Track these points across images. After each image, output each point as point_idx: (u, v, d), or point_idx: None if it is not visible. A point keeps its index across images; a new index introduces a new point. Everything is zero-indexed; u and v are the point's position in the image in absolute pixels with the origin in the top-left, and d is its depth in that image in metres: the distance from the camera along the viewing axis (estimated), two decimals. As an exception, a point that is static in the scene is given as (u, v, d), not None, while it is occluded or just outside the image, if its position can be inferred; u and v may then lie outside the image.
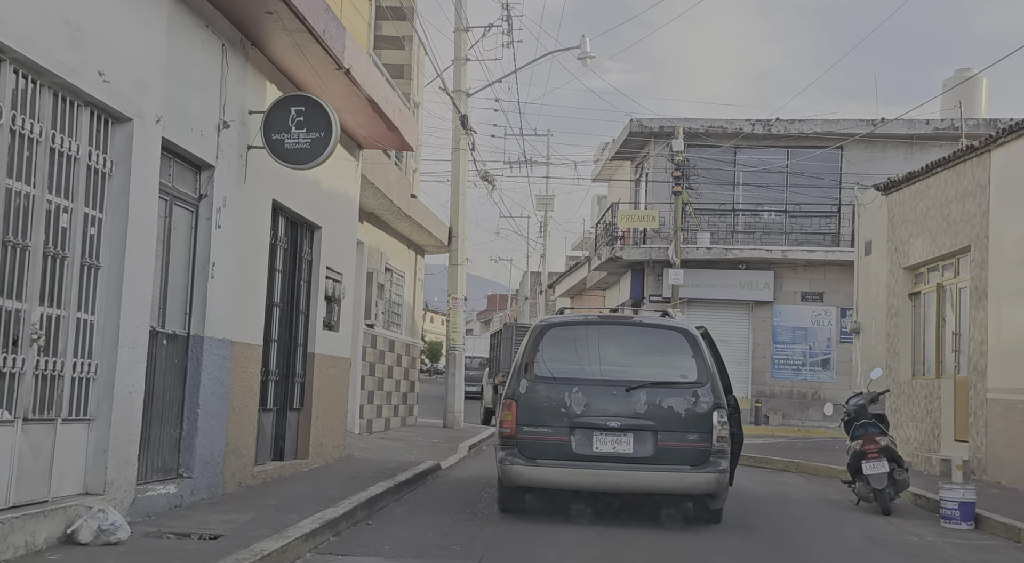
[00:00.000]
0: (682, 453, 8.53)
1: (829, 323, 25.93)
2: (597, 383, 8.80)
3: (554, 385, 8.76)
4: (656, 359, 9.05)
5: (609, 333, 9.31)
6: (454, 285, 18.86)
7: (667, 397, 8.63)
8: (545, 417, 8.63)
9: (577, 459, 8.55)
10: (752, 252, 25.65)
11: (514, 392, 8.79)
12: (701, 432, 8.56)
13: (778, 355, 26.13)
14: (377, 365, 16.34)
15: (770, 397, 25.96)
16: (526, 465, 8.58)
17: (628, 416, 8.59)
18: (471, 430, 18.80)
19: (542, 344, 9.02)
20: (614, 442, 8.57)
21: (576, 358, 9.06)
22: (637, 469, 8.53)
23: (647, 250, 26.23)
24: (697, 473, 8.51)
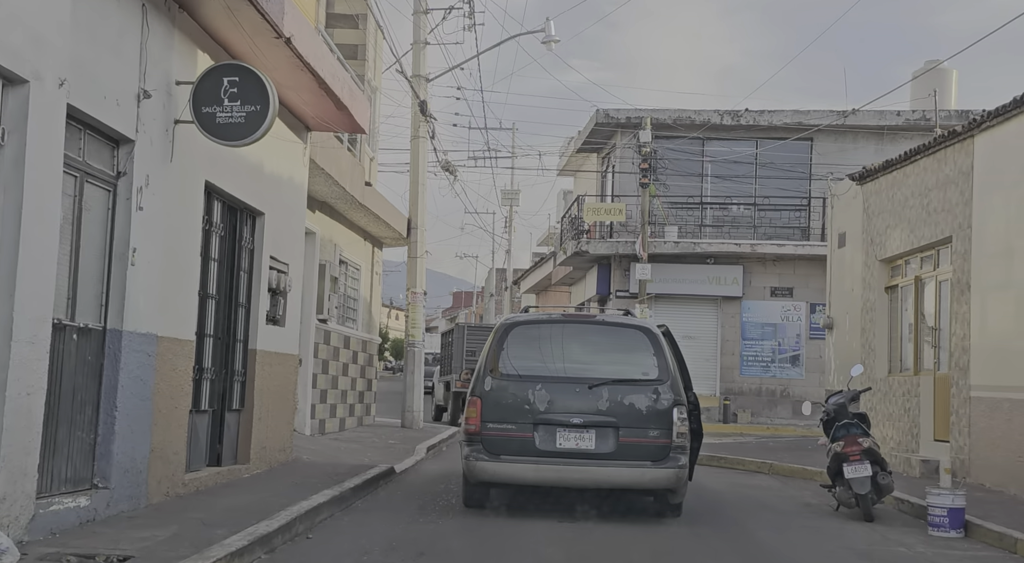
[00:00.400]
0: (643, 449, 8.67)
1: (799, 319, 25.40)
2: (560, 380, 8.92)
3: (518, 382, 8.89)
4: (618, 357, 9.16)
5: (572, 331, 9.41)
6: (413, 279, 18.07)
7: (628, 394, 8.77)
8: (509, 414, 8.76)
9: (540, 455, 8.69)
10: (721, 246, 25.05)
11: (479, 389, 8.90)
12: (661, 428, 8.71)
13: (747, 352, 25.57)
14: (331, 362, 15.51)
15: (739, 395, 25.38)
16: (490, 461, 8.72)
17: (590, 413, 8.75)
18: (430, 430, 18.01)
19: (507, 342, 9.13)
20: (577, 438, 8.72)
21: (540, 356, 9.16)
22: (599, 465, 8.68)
23: (614, 244, 25.55)
24: (657, 469, 8.67)
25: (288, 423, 11.43)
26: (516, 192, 45.11)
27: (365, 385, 17.86)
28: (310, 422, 14.47)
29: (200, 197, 8.60)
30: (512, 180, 45.60)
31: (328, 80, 9.76)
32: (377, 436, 16.09)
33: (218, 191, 9.12)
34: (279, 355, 10.92)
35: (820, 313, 25.19)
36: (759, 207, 25.91)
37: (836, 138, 25.37)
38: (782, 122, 25.20)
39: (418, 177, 18.06)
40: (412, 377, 17.94)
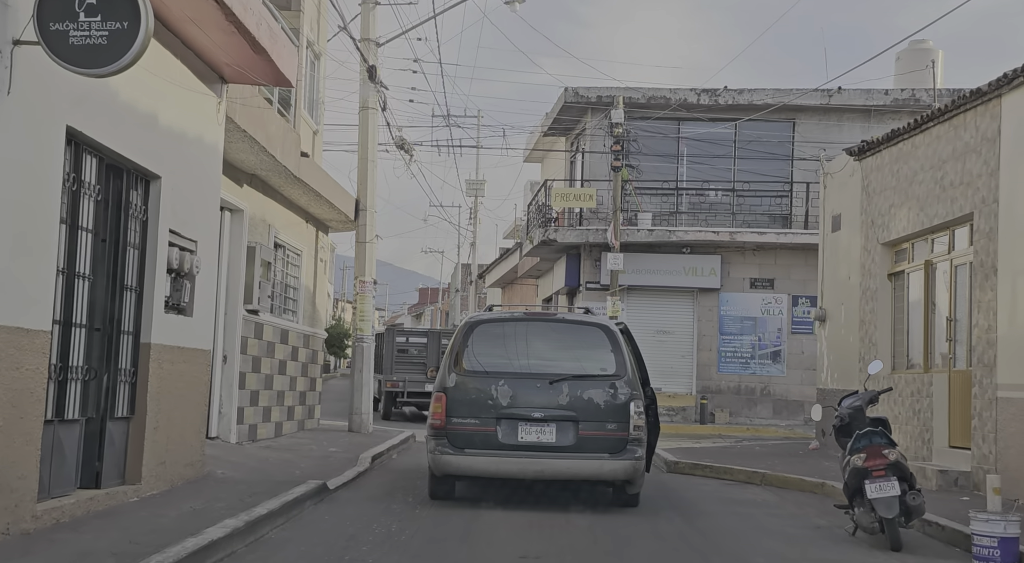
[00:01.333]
0: (601, 442, 9.01)
1: (780, 312, 23.79)
2: (522, 376, 9.23)
3: (482, 378, 9.19)
4: (578, 353, 9.43)
5: (534, 329, 9.70)
6: (362, 266, 16.20)
7: (587, 389, 9.10)
8: (473, 409, 9.08)
9: (503, 448, 9.02)
10: (697, 234, 23.37)
11: (443, 385, 9.22)
12: (619, 422, 9.04)
13: (725, 347, 23.92)
14: (264, 360, 13.63)
15: (716, 393, 23.74)
16: (455, 454, 9.05)
17: (551, 407, 9.07)
18: (380, 435, 16.16)
19: (471, 339, 9.44)
20: (538, 432, 9.02)
21: (503, 352, 9.43)
22: (559, 457, 9.00)
23: (584, 232, 23.80)
24: (615, 460, 9.00)
25: (197, 432, 9.55)
26: (481, 182, 43.24)
27: (308, 384, 15.98)
28: (236, 428, 12.58)
29: (59, 146, 6.70)
30: (477, 170, 43.73)
31: (237, 10, 7.89)
32: (318, 442, 14.23)
33: (90, 143, 7.23)
34: (184, 351, 9.03)
35: (802, 306, 23.61)
36: (738, 193, 24.26)
37: (820, 118, 23.77)
38: (762, 101, 23.56)
39: (367, 152, 16.19)
40: (361, 375, 16.08)
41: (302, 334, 15.50)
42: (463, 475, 9.29)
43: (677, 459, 14.03)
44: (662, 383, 23.91)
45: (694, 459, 14.21)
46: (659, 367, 23.84)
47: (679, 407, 23.80)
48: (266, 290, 13.39)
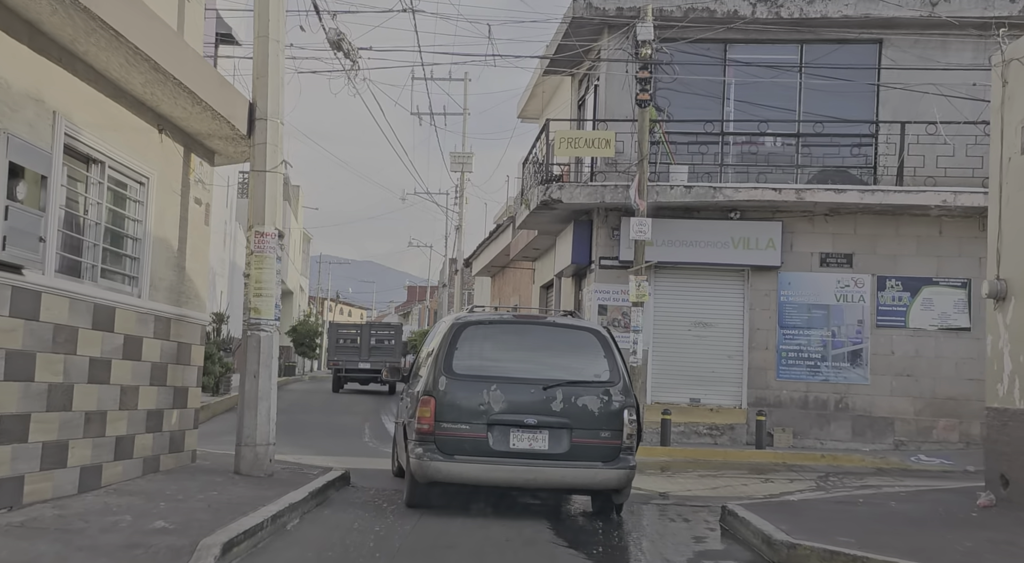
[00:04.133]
0: (595, 450, 8.87)
1: (861, 298, 17.76)
2: (515, 381, 8.99)
3: (473, 383, 8.94)
4: (570, 358, 9.23)
5: (524, 332, 9.54)
6: (260, 209, 10.12)
7: (581, 396, 8.94)
8: (464, 414, 8.83)
9: (494, 455, 8.78)
10: (751, 193, 17.35)
11: (433, 389, 8.90)
12: (613, 430, 8.92)
13: (787, 345, 17.88)
14: (42, 357, 7.54)
15: (775, 406, 17.70)
16: (444, 461, 8.76)
17: (545, 414, 8.87)
18: (286, 478, 10.06)
19: (459, 342, 9.15)
20: (530, 439, 8.83)
21: (493, 356, 9.20)
22: (552, 465, 8.81)
23: (598, 190, 17.76)
24: (609, 469, 8.86)
25: None
26: (468, 156, 37.21)
27: (168, 398, 9.89)
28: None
29: None
30: (464, 141, 37.71)
31: None
32: (152, 502, 8.14)
33: None
34: None
35: (893, 290, 17.57)
36: (805, 139, 18.20)
37: (917, 36, 17.72)
38: (840, 13, 17.55)
39: (268, 27, 10.11)
40: (255, 384, 10.00)
41: (151, 316, 9.40)
42: (452, 482, 8.97)
43: (790, 537, 7.82)
44: (700, 392, 17.89)
45: (823, 538, 8.04)
46: (696, 371, 17.86)
47: (724, 425, 17.76)
48: (50, 232, 7.31)
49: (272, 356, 10.18)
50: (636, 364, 17.01)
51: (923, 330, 17.55)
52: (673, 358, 18.12)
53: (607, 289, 18.21)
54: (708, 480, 13.43)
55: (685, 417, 17.76)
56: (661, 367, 18.11)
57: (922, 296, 17.56)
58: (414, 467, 8.88)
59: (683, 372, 18.09)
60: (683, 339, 18.13)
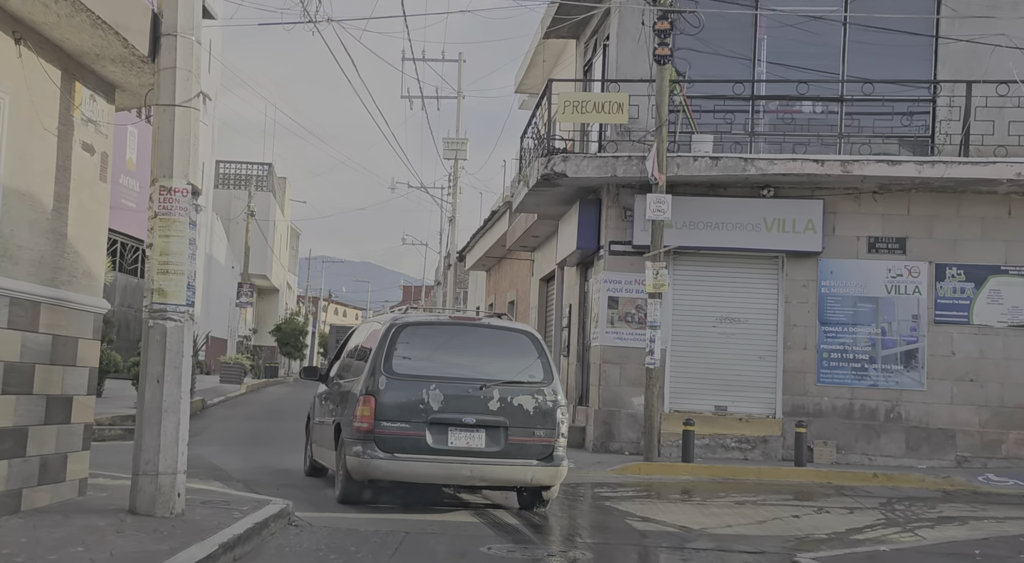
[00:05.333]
0: (530, 448, 9.15)
1: (916, 289, 15.19)
2: (453, 381, 9.16)
3: (412, 382, 9.08)
4: (506, 359, 9.46)
5: (461, 333, 9.75)
6: (166, 158, 7.53)
7: (517, 395, 9.18)
8: (403, 413, 9.00)
9: (433, 453, 8.96)
10: (787, 166, 14.78)
11: (373, 388, 9.05)
12: (547, 428, 9.20)
13: (829, 344, 15.31)
14: None
15: (815, 415, 15.12)
16: (384, 459, 8.92)
17: (482, 413, 9.07)
18: (198, 521, 7.46)
19: (398, 342, 9.27)
20: (468, 437, 9.02)
21: (431, 356, 9.33)
22: (489, 463, 9.04)
23: (608, 163, 15.18)
24: (543, 467, 9.15)
25: None
26: (463, 141, 34.64)
27: (33, 412, 7.28)
28: None
29: None
30: (458, 126, 35.13)
31: None
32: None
33: None
34: None
35: (954, 280, 14.99)
36: (850, 103, 15.63)
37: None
38: (894, -44, 15.01)
39: (177, -88, 7.49)
40: (159, 391, 7.41)
41: (6, 297, 6.79)
42: (390, 479, 9.17)
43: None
44: (727, 399, 15.34)
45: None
46: (722, 375, 15.33)
47: (755, 437, 15.18)
48: None
49: (184, 354, 7.58)
50: (653, 366, 14.44)
51: (989, 327, 14.99)
52: (695, 359, 15.55)
53: (618, 279, 15.64)
54: (748, 509, 10.85)
55: (710, 428, 15.20)
56: (681, 370, 15.54)
57: (988, 287, 15.01)
58: (352, 465, 9.10)
59: (707, 376, 15.52)
60: (707, 337, 15.56)
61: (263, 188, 43.41)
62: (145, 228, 7.67)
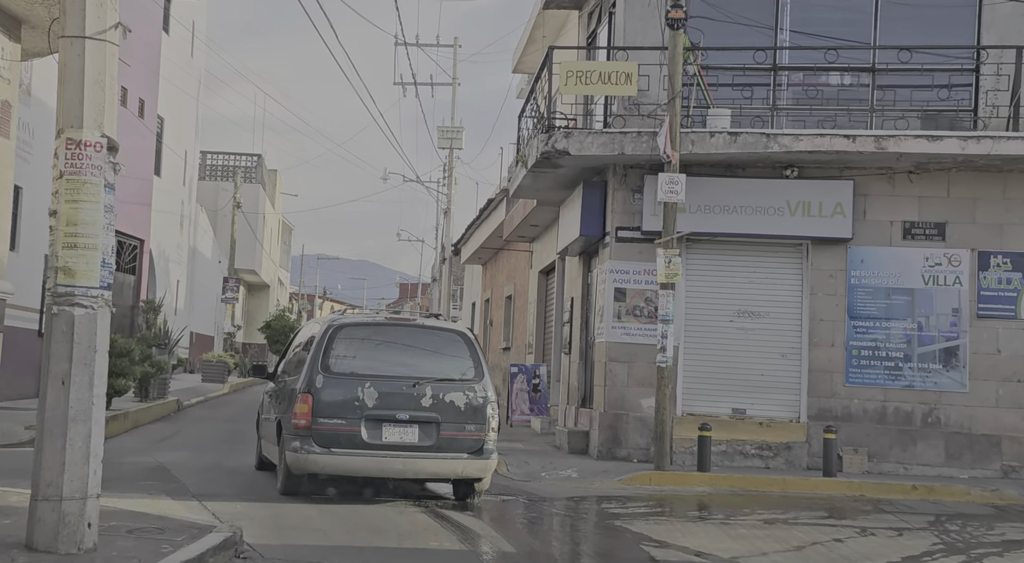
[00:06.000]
0: (461, 442, 9.53)
1: (957, 280, 13.70)
2: (387, 379, 9.54)
3: (348, 380, 9.49)
4: (438, 358, 9.86)
5: (396, 333, 10.12)
6: (74, 103, 6.06)
7: (449, 392, 9.56)
8: (339, 410, 9.36)
9: (368, 448, 9.35)
10: (813, 142, 13.28)
11: (310, 386, 9.43)
12: (478, 424, 9.59)
13: (859, 341, 13.82)
14: None
15: (844, 420, 13.64)
16: (321, 454, 9.29)
17: (415, 409, 9.45)
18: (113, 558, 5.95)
19: (335, 342, 9.67)
20: (401, 433, 9.41)
21: (367, 355, 9.74)
22: (422, 457, 9.43)
23: (615, 140, 13.68)
24: (474, 460, 9.54)
25: None
26: (458, 130, 33.14)
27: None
28: None
29: None
30: (453, 114, 33.64)
31: None
32: None
33: None
34: None
35: (999, 269, 13.50)
36: (883, 75, 14.12)
37: (1035, -60, 13.68)
38: (934, -91, 13.53)
39: None
40: (64, 395, 5.95)
41: None
42: (327, 473, 9.49)
43: None
44: (746, 401, 13.89)
45: None
46: (740, 375, 13.90)
47: (778, 444, 13.70)
48: None
49: (98, 348, 6.10)
50: (665, 364, 12.96)
51: (1038, 322, 13.51)
52: (711, 357, 14.08)
53: (626, 268, 14.16)
54: (780, 531, 9.37)
55: (727, 433, 13.72)
56: (695, 369, 14.07)
57: (1037, 277, 13.53)
58: (291, 460, 9.43)
59: (723, 375, 14.05)
60: (723, 333, 14.08)
61: (252, 180, 41.89)
62: (119, 217, 6.12)
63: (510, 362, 21.37)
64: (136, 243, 26.52)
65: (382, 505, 9.69)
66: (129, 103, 25.15)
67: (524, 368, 18.93)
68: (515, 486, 11.79)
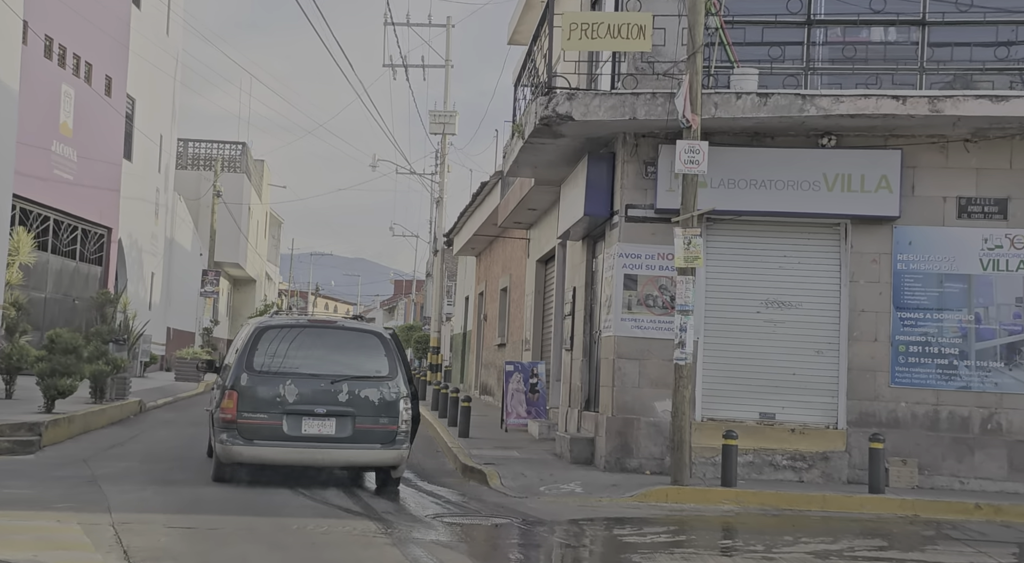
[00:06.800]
0: (375, 434, 10.33)
1: (1021, 265, 11.87)
2: (306, 376, 10.35)
3: (270, 378, 10.26)
4: (355, 357, 10.64)
5: (316, 334, 10.82)
6: None
7: (364, 388, 10.40)
8: (262, 405, 10.13)
9: (288, 440, 10.14)
10: (858, 104, 11.42)
11: (235, 383, 10.23)
12: (390, 417, 10.41)
13: (906, 335, 11.99)
14: None
15: (890, 426, 11.81)
16: (245, 445, 10.07)
17: (332, 404, 10.27)
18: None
19: (259, 343, 10.48)
20: (319, 425, 10.20)
21: (288, 355, 10.45)
22: (338, 447, 10.26)
23: (626, 102, 11.82)
24: (386, 450, 10.36)
25: None
26: (451, 114, 31.25)
27: None
28: None
29: None
30: (445, 98, 31.77)
31: None
32: None
33: None
34: None
35: (1070, 252, 11.64)
36: (934, 30, 12.25)
37: None
38: None
39: None
40: None
41: None
42: (251, 463, 10.21)
43: None
44: (775, 405, 12.12)
45: None
46: (768, 374, 12.13)
47: (814, 454, 11.86)
48: None
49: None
50: (684, 362, 11.13)
51: (1116, 313, 11.68)
52: (734, 354, 12.26)
53: (637, 252, 12.34)
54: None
55: (754, 441, 11.90)
56: (717, 367, 12.25)
57: (1114, 262, 11.71)
58: (219, 451, 10.22)
59: (749, 375, 12.23)
60: (749, 326, 12.26)
61: (236, 169, 40.00)
62: (83, 203, 4.23)
63: (505, 360, 19.54)
64: (103, 231, 24.68)
65: (346, 536, 7.86)
66: (94, 80, 23.30)
67: (520, 366, 17.09)
68: (509, 504, 10.00)
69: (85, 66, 22.81)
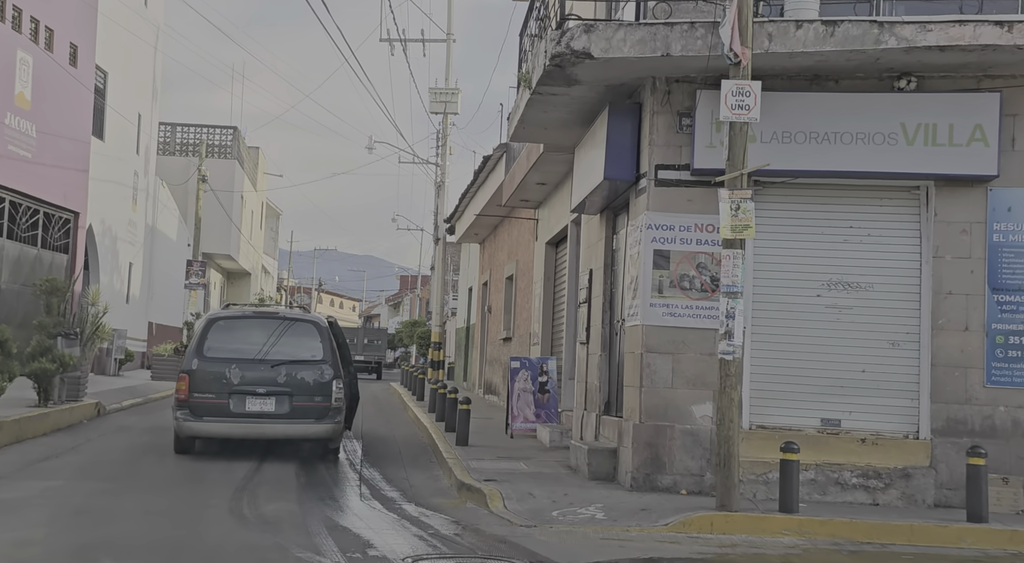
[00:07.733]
0: (310, 410, 11.77)
1: None
2: (250, 361, 11.84)
3: (218, 363, 11.77)
4: (294, 343, 12.09)
5: (260, 323, 12.37)
6: None
7: (300, 370, 11.87)
8: (211, 386, 11.68)
9: (234, 416, 11.67)
10: (951, 32, 9.09)
11: (188, 367, 11.82)
12: (324, 395, 11.81)
13: (1005, 323, 9.67)
14: None
15: (984, 436, 9.50)
16: (196, 421, 11.66)
17: (272, 384, 11.75)
18: None
19: (211, 332, 12.02)
20: (261, 403, 11.68)
21: (236, 342, 12.02)
22: (277, 422, 11.73)
23: (657, 34, 9.51)
24: (320, 424, 11.80)
25: None
26: (453, 92, 28.95)
27: None
28: None
29: None
30: (447, 74, 29.48)
31: None
32: None
33: None
34: None
35: None
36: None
37: None
38: None
39: None
40: None
41: None
42: (202, 436, 11.91)
43: None
44: (840, 409, 9.87)
45: None
46: (831, 372, 9.80)
47: (891, 470, 9.55)
48: None
49: None
50: (731, 355, 8.83)
51: None
52: (789, 348, 9.96)
53: (670, 222, 10.05)
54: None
55: (815, 453, 9.62)
56: (767, 364, 9.96)
57: None
58: (176, 426, 11.82)
59: (807, 373, 9.93)
60: (807, 313, 9.96)
61: (227, 155, 37.77)
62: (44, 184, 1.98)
63: (511, 355, 17.27)
64: (68, 216, 22.44)
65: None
66: (56, 47, 21.06)
67: (528, 362, 14.81)
68: (514, 538, 7.79)
69: (45, 31, 20.59)
